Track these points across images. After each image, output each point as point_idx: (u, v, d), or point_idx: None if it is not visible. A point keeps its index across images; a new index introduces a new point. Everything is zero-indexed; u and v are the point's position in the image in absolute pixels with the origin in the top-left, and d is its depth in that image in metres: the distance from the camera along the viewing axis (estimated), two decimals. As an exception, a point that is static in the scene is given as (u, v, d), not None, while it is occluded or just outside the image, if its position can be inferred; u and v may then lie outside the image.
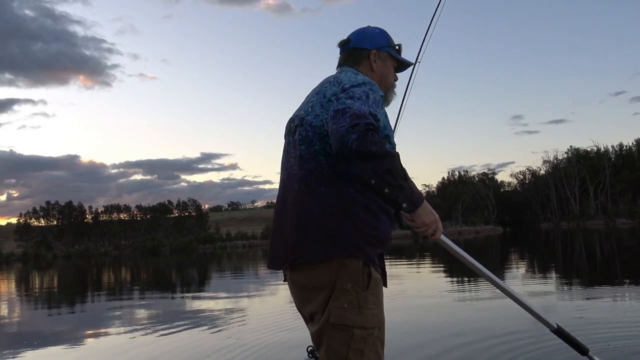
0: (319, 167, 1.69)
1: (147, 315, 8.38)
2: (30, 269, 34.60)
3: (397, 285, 9.69)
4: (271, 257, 1.87)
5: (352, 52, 1.94)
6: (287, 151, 1.85)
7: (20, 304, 12.08)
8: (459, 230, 60.74)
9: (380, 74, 1.93)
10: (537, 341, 4.47)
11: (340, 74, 1.81)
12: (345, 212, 1.65)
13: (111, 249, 66.10)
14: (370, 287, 1.67)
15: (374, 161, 1.47)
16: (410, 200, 1.51)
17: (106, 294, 13.20)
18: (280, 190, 1.86)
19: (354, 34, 1.96)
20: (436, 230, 1.61)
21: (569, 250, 19.74)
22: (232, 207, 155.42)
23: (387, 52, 1.95)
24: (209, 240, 65.75)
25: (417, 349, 4.52)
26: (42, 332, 7.43)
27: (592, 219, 60.47)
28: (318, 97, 1.76)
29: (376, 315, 1.68)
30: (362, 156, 1.47)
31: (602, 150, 72.19)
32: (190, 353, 5.03)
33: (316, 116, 1.72)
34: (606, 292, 7.54)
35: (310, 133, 1.72)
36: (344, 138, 1.48)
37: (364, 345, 1.63)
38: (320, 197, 1.67)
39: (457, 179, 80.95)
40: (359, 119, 1.50)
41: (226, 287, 12.84)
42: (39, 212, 79.92)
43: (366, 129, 1.48)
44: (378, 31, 1.96)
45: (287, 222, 1.75)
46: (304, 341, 2.38)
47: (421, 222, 1.57)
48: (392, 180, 1.48)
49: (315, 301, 1.71)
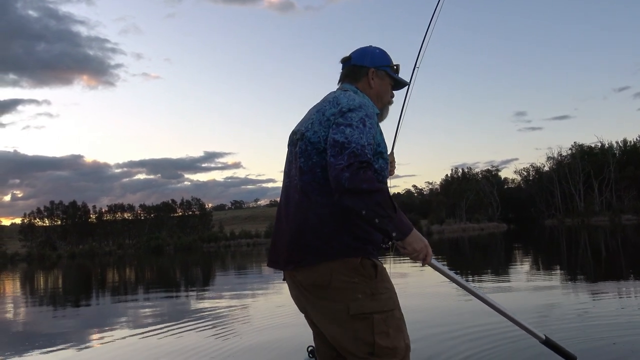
0: (316, 179, 1.85)
1: (152, 314, 8.39)
2: (34, 269, 34.74)
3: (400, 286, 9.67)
4: (271, 256, 2.01)
5: (352, 69, 2.07)
6: (290, 160, 2.01)
7: (25, 304, 12.12)
8: (463, 227, 60.62)
9: (378, 91, 2.07)
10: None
11: (340, 95, 1.93)
12: (340, 219, 1.80)
13: (115, 249, 66.27)
14: (378, 275, 1.83)
15: (364, 196, 1.64)
16: (399, 230, 1.68)
17: (111, 294, 13.22)
18: (283, 194, 2.02)
19: (356, 52, 2.10)
20: (426, 256, 1.77)
21: (573, 247, 19.68)
22: (235, 206, 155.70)
23: (385, 71, 2.08)
24: (212, 239, 65.88)
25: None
26: (46, 332, 7.44)
27: (596, 215, 60.18)
28: (318, 115, 1.91)
29: (390, 298, 1.83)
30: (353, 192, 1.64)
31: (606, 146, 71.83)
32: (191, 353, 5.03)
33: (314, 133, 1.87)
34: (611, 289, 7.50)
35: (309, 147, 1.88)
36: (339, 176, 1.66)
37: (387, 327, 1.77)
38: (318, 206, 1.82)
39: (461, 176, 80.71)
40: (355, 157, 1.68)
41: (230, 286, 12.84)
42: (43, 212, 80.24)
43: (359, 167, 1.66)
44: (378, 51, 2.10)
45: (288, 228, 1.90)
46: (304, 341, 2.35)
47: (412, 249, 1.72)
48: (381, 212, 1.65)
49: (318, 301, 1.83)
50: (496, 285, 8.89)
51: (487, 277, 10.72)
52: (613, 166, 66.34)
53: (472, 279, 10.23)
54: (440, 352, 4.31)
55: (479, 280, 9.80)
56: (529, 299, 7.15)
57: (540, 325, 5.09)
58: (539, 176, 77.38)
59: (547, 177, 74.09)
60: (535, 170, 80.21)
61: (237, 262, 26.02)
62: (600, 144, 72.52)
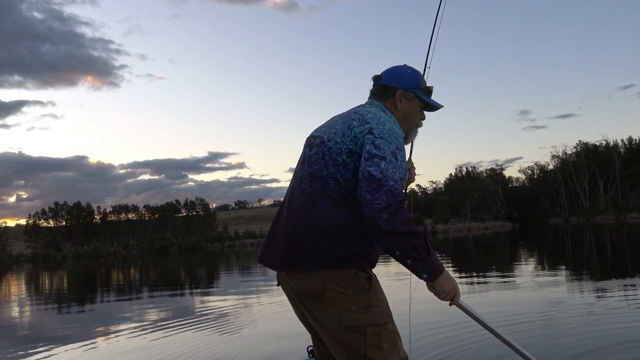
0: (326, 189, 1.83)
1: (155, 315, 8.39)
2: (39, 269, 34.84)
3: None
4: (264, 254, 2.00)
5: (381, 88, 2.03)
6: (302, 162, 1.99)
7: (30, 305, 12.14)
8: (468, 226, 60.43)
9: (404, 113, 2.01)
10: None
11: (369, 113, 1.88)
12: (339, 233, 1.79)
13: (120, 249, 66.41)
14: (372, 288, 1.82)
15: (400, 238, 1.66)
16: (431, 272, 1.71)
17: (115, 294, 13.23)
18: (288, 194, 2.00)
19: (387, 71, 2.06)
20: (454, 297, 1.79)
21: (578, 245, 19.57)
22: (239, 206, 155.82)
23: (415, 93, 2.01)
24: (217, 239, 65.88)
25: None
26: (52, 332, 7.45)
27: (602, 213, 59.95)
28: (343, 127, 1.87)
29: (384, 311, 1.81)
30: (390, 234, 1.66)
31: (611, 144, 71.54)
32: (192, 353, 5.03)
33: (336, 143, 1.85)
34: (618, 288, 7.44)
35: (327, 157, 1.85)
36: (377, 217, 1.66)
37: (380, 340, 1.75)
38: (321, 215, 1.81)
39: (465, 175, 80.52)
40: (393, 197, 1.68)
41: (234, 286, 12.83)
42: (48, 213, 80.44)
43: (397, 209, 1.67)
44: (410, 71, 2.04)
45: (286, 230, 1.89)
46: (304, 341, 2.34)
47: (440, 290, 1.75)
48: (415, 254, 1.68)
49: (312, 309, 1.82)
50: (502, 282, 8.84)
51: (492, 274, 10.66)
52: (618, 164, 66.02)
53: (478, 278, 10.18)
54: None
55: (484, 280, 9.74)
56: (534, 296, 7.10)
57: (546, 324, 5.06)
58: (544, 175, 77.07)
59: (551, 175, 73.80)
60: (539, 169, 79.95)
61: (241, 262, 26.03)
62: (605, 142, 72.19)
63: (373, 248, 1.85)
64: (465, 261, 16.47)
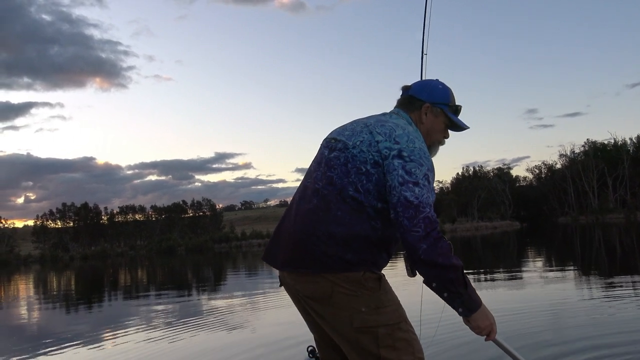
0: (343, 194, 1.78)
1: (163, 315, 8.41)
2: (47, 270, 35.04)
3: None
4: (269, 252, 1.97)
5: (409, 99, 1.99)
6: (319, 162, 1.93)
7: (39, 305, 12.19)
8: (475, 225, 60.21)
9: (428, 127, 1.97)
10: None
11: (396, 126, 1.85)
12: (350, 241, 1.75)
13: (127, 250, 66.67)
14: (381, 288, 1.78)
15: (438, 270, 1.65)
16: (467, 307, 1.71)
17: (123, 295, 13.27)
18: (299, 193, 1.94)
19: (417, 83, 2.03)
20: (490, 332, 1.78)
21: (587, 244, 19.43)
22: (245, 207, 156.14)
23: (442, 109, 1.98)
24: (224, 240, 66.00)
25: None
26: (60, 332, 7.47)
27: (611, 212, 59.52)
28: (369, 136, 1.83)
29: (395, 311, 1.77)
30: (428, 264, 1.65)
31: (620, 142, 70.99)
32: (190, 353, 5.06)
33: (361, 152, 1.81)
34: (628, 288, 7.36)
35: (350, 164, 1.80)
36: (416, 245, 1.65)
37: (392, 340, 1.72)
38: (334, 220, 1.76)
39: (472, 174, 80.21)
40: (431, 225, 1.67)
41: (240, 286, 12.85)
42: (56, 214, 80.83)
43: (436, 239, 1.66)
44: (441, 87, 2.00)
45: (294, 229, 1.85)
46: (304, 341, 2.29)
47: (476, 325, 1.76)
48: (452, 288, 1.67)
49: (320, 311, 1.78)
50: (510, 282, 8.78)
51: (500, 273, 10.59)
52: (627, 163, 65.53)
53: (486, 276, 10.11)
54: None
55: (493, 277, 9.67)
56: (543, 294, 7.05)
57: (553, 322, 5.00)
58: (552, 174, 76.66)
59: (559, 174, 73.38)
60: (547, 168, 79.51)
61: (248, 262, 26.05)
62: (614, 141, 71.66)
63: (382, 258, 1.82)
64: (473, 261, 16.39)
